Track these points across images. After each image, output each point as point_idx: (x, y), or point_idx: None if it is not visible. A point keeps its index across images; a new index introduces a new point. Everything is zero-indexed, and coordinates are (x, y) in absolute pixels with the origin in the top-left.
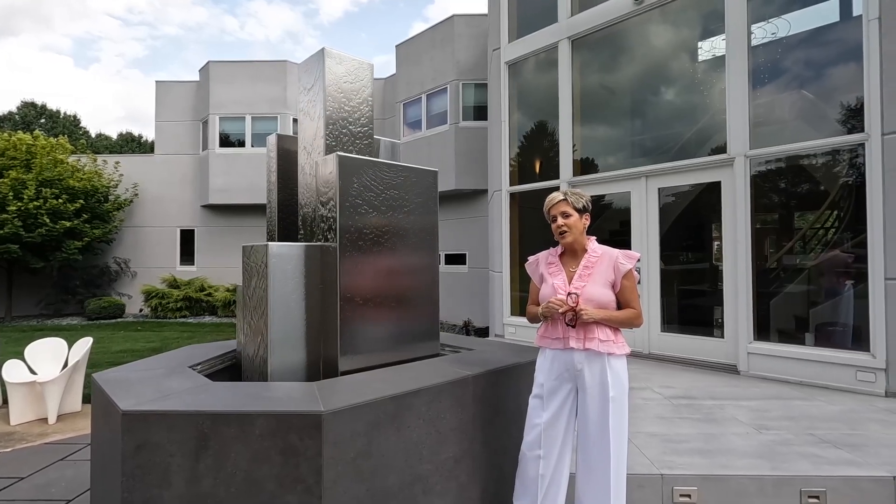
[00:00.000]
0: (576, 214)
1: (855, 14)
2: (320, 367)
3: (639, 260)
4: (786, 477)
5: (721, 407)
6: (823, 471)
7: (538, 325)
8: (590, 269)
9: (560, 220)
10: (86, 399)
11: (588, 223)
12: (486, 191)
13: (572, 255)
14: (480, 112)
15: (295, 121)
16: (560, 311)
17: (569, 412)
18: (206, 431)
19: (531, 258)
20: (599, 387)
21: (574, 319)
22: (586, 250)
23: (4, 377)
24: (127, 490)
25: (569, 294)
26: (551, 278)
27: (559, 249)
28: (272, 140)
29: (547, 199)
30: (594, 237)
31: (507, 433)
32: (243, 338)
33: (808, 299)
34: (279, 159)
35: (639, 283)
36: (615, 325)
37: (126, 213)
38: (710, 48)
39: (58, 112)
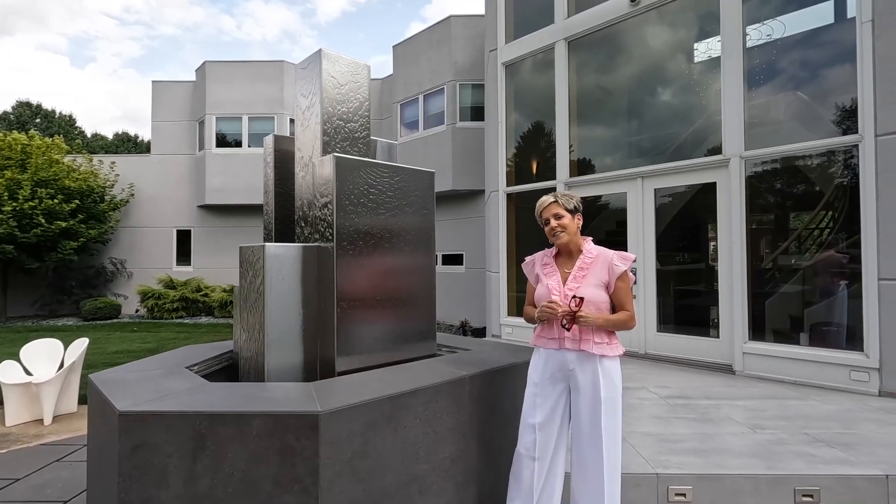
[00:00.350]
0: (568, 215)
1: (849, 16)
2: (317, 367)
3: (634, 261)
4: (780, 476)
5: (716, 406)
6: (818, 470)
7: (535, 325)
8: (584, 270)
9: (553, 223)
10: (82, 400)
11: (581, 223)
12: (483, 191)
13: (567, 255)
14: (477, 113)
15: (292, 121)
16: (559, 311)
17: (562, 412)
18: (204, 432)
19: (527, 259)
20: (591, 387)
21: (570, 323)
22: (581, 251)
23: (0, 378)
24: (124, 491)
25: (573, 297)
26: (546, 279)
27: (555, 250)
28: (269, 141)
29: (538, 203)
30: (590, 238)
31: (504, 433)
32: (240, 338)
33: (803, 299)
34: (276, 160)
35: (635, 283)
36: (611, 329)
37: (122, 213)
38: (705, 49)
39: (53, 112)
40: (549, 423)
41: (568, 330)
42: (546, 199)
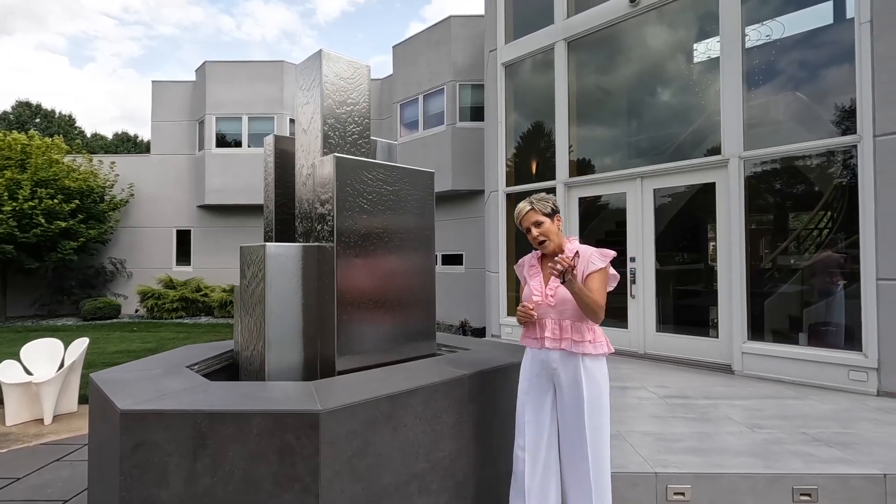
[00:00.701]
0: (547, 220)
1: (848, 17)
2: (317, 366)
3: (633, 260)
4: (778, 475)
5: (715, 406)
6: (815, 469)
7: None
8: None
9: (534, 231)
10: (82, 400)
11: (561, 223)
12: (482, 191)
13: (552, 256)
14: (477, 113)
15: (292, 121)
16: (560, 267)
17: (550, 410)
18: (204, 431)
19: (519, 261)
20: (574, 387)
21: (563, 276)
22: (563, 251)
23: (0, 378)
24: (125, 489)
25: (575, 255)
26: (530, 280)
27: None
28: (269, 141)
29: (515, 212)
30: (575, 237)
31: (503, 432)
32: (241, 338)
33: (802, 299)
34: (276, 160)
35: (634, 282)
36: (583, 305)
37: (122, 213)
38: (705, 50)
39: (53, 112)
40: (539, 421)
41: (563, 277)
42: (523, 206)
